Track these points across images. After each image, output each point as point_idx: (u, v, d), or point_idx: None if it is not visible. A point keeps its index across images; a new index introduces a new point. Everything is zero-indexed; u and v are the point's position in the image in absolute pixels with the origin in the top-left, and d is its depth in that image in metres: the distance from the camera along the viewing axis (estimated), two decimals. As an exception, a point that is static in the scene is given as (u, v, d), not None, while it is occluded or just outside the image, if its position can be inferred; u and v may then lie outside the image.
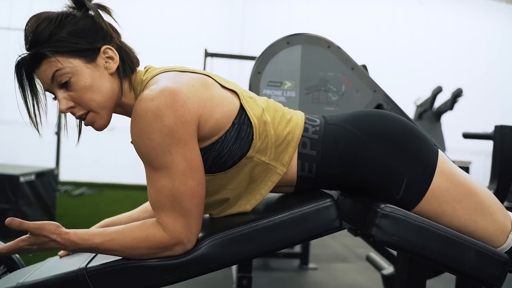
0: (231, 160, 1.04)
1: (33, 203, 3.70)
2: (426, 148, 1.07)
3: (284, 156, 1.07)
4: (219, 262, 0.98)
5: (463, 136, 2.42)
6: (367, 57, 4.80)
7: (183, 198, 0.95)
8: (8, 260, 1.49)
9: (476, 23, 8.19)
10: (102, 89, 1.01)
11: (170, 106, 0.93)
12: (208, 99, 1.00)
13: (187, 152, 0.95)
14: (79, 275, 0.97)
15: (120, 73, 1.04)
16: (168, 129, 0.92)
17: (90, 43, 1.00)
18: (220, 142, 1.02)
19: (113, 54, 1.03)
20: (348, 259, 3.68)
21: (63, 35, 0.98)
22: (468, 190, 1.07)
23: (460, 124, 6.62)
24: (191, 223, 0.96)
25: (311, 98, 1.81)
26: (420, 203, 1.05)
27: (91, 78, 1.00)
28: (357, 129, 1.07)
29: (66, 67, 0.98)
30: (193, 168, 0.95)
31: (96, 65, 1.01)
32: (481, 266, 1.02)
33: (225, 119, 1.01)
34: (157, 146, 0.93)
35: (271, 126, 1.06)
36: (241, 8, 7.70)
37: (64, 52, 0.98)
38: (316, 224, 1.01)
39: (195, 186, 0.96)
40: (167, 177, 0.94)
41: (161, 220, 0.96)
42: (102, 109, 1.03)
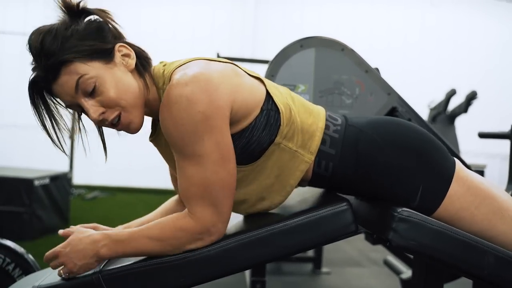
0: (260, 147, 1.02)
1: (47, 206, 3.74)
2: (443, 158, 1.07)
3: (312, 144, 1.05)
4: (234, 266, 0.98)
5: (479, 135, 2.38)
6: (379, 57, 4.77)
7: (214, 188, 0.94)
8: (24, 263, 1.51)
9: (489, 23, 8.10)
10: (129, 87, 0.97)
11: (204, 91, 0.91)
12: (240, 85, 0.99)
13: (220, 140, 0.93)
14: (94, 279, 0.98)
15: (140, 69, 1.01)
16: (202, 115, 0.91)
17: (104, 43, 0.97)
18: (251, 128, 1.01)
19: (128, 50, 1.00)
20: (362, 264, 3.65)
21: (74, 41, 0.93)
22: (485, 194, 1.05)
23: (474, 127, 6.54)
24: (220, 213, 0.96)
25: (325, 101, 1.79)
26: (437, 211, 1.04)
27: (116, 78, 0.96)
28: (377, 135, 1.07)
29: (88, 72, 0.94)
30: (225, 157, 0.95)
31: (116, 64, 0.98)
32: (501, 271, 1.00)
33: (254, 104, 1.01)
34: (191, 133, 0.91)
35: (296, 113, 1.05)
36: (252, 12, 7.71)
37: (81, 56, 0.94)
38: (332, 228, 1.01)
39: (226, 177, 0.95)
40: (199, 166, 0.93)
41: (191, 209, 0.96)
42: (133, 108, 0.98)
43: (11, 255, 1.51)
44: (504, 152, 7.22)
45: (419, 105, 4.46)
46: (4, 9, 7.53)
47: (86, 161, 7.15)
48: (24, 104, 5.16)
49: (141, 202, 5.93)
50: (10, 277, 1.48)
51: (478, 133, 2.37)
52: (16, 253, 1.53)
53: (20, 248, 1.56)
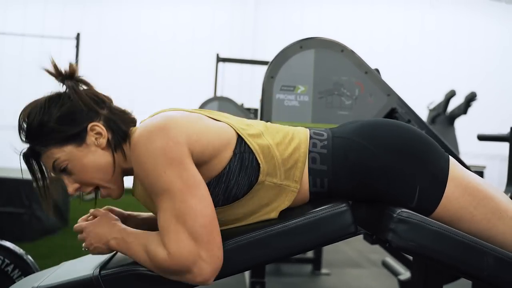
0: (241, 191, 1.03)
1: (47, 207, 3.74)
2: (436, 155, 1.07)
3: (295, 173, 1.05)
4: (234, 268, 0.98)
5: (478, 138, 2.38)
6: (379, 59, 4.78)
7: (186, 218, 0.91)
8: (23, 264, 1.51)
9: (488, 24, 8.11)
10: (99, 166, 1.04)
11: (162, 129, 0.95)
12: (203, 127, 1.00)
13: (182, 171, 0.93)
14: (93, 279, 0.98)
15: (112, 145, 1.05)
16: (160, 150, 0.93)
17: (77, 126, 1.02)
18: (226, 173, 1.01)
19: (100, 129, 1.04)
20: (362, 265, 3.65)
21: (51, 124, 1.01)
22: (483, 194, 1.05)
23: (474, 128, 6.55)
24: (199, 249, 0.91)
25: (324, 103, 1.80)
26: (436, 211, 1.04)
27: (86, 159, 1.03)
28: (365, 140, 1.06)
29: (60, 156, 1.02)
30: (191, 185, 0.93)
31: (87, 145, 1.03)
32: (500, 272, 1.00)
33: (224, 147, 1.01)
34: (153, 169, 0.93)
35: (274, 147, 1.05)
36: (252, 13, 7.73)
37: (55, 143, 1.02)
38: (331, 229, 1.00)
39: (197, 204, 0.92)
40: (168, 200, 0.93)
41: (166, 245, 0.92)
42: (107, 183, 1.06)
43: (10, 256, 1.51)
44: (503, 153, 7.23)
45: (419, 107, 4.46)
46: (4, 11, 7.53)
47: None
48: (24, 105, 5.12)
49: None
50: (10, 278, 1.48)
51: (477, 136, 2.37)
52: (16, 254, 1.53)
53: (19, 249, 1.56)
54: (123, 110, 1.10)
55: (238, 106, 4.59)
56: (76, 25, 7.09)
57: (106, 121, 1.05)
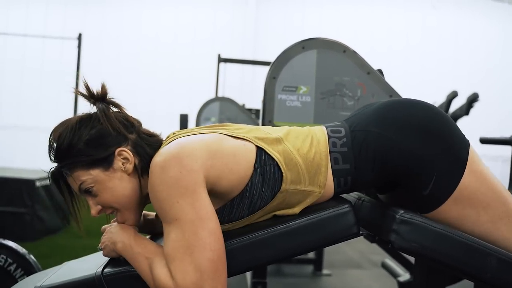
0: (265, 202, 1.02)
1: (49, 207, 3.74)
2: (457, 137, 1.05)
3: (319, 178, 1.04)
4: (236, 268, 0.98)
5: (480, 141, 2.38)
6: (380, 59, 4.78)
7: (194, 250, 0.90)
8: (26, 263, 1.51)
9: (490, 25, 8.10)
10: (124, 192, 1.04)
11: (175, 157, 0.95)
12: (217, 150, 0.99)
13: (195, 201, 0.93)
14: (96, 279, 0.98)
15: (138, 171, 1.05)
16: (173, 179, 0.93)
17: (105, 150, 1.02)
18: (248, 189, 1.01)
19: (128, 155, 1.03)
20: (363, 266, 3.65)
21: (80, 147, 1.01)
22: (496, 196, 1.04)
23: (476, 129, 6.53)
24: (205, 282, 0.89)
25: (326, 103, 1.79)
26: (447, 202, 1.02)
27: (111, 184, 1.03)
28: (382, 129, 1.04)
29: (87, 179, 1.02)
30: (203, 217, 0.92)
31: (114, 170, 1.03)
32: (503, 274, 1.00)
33: (242, 167, 1.00)
34: (166, 198, 0.93)
35: (295, 153, 1.03)
36: (254, 14, 7.73)
37: (82, 166, 1.02)
38: (334, 230, 1.00)
39: (207, 237, 0.91)
40: (178, 229, 0.92)
41: (172, 272, 0.92)
42: (127, 210, 1.06)
43: (12, 256, 1.51)
44: (505, 155, 7.20)
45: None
46: (6, 11, 7.54)
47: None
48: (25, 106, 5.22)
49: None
50: (12, 278, 1.49)
51: (480, 139, 2.37)
52: (18, 254, 1.53)
53: (21, 248, 1.56)
54: (151, 134, 1.09)
55: (239, 107, 4.58)
56: (78, 26, 7.09)
57: (134, 146, 1.05)
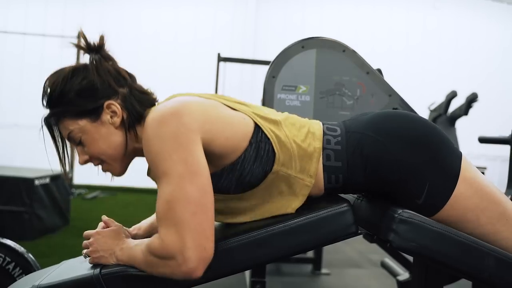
0: (255, 179, 1.03)
1: (48, 206, 3.74)
2: (448, 149, 1.06)
3: (310, 168, 1.05)
4: (234, 267, 0.98)
5: (479, 140, 2.38)
6: (380, 60, 4.78)
7: (177, 204, 0.90)
8: (24, 262, 1.51)
9: (490, 25, 8.10)
10: (110, 144, 1.06)
11: (174, 114, 0.95)
12: (216, 118, 1.00)
13: (188, 156, 0.93)
14: (94, 278, 0.98)
15: (126, 125, 1.07)
16: (170, 133, 0.93)
17: (94, 102, 1.05)
18: (240, 161, 1.01)
19: (116, 108, 1.05)
20: (362, 265, 3.65)
21: (70, 96, 1.04)
22: (492, 198, 1.05)
23: (475, 129, 6.55)
24: (186, 237, 0.89)
25: (326, 103, 1.80)
26: (443, 209, 1.03)
27: (98, 135, 1.05)
28: (378, 134, 1.06)
29: (75, 129, 1.05)
30: (193, 172, 0.92)
31: (101, 122, 1.05)
32: (501, 273, 1.00)
33: (238, 138, 1.01)
34: (159, 151, 0.93)
35: (290, 139, 1.05)
36: (254, 13, 7.72)
37: (71, 115, 1.05)
38: (332, 229, 1.00)
39: (193, 192, 0.91)
40: (167, 184, 0.92)
41: (159, 231, 0.93)
42: (112, 161, 1.09)
43: (11, 255, 1.51)
44: (504, 155, 7.20)
45: (420, 107, 4.44)
46: (6, 9, 7.53)
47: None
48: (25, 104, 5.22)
49: (142, 202, 5.93)
50: (10, 276, 1.48)
51: (478, 138, 2.37)
52: (17, 253, 1.53)
53: (20, 247, 1.56)
54: (143, 91, 1.11)
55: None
56: (78, 24, 7.07)
57: (124, 100, 1.07)
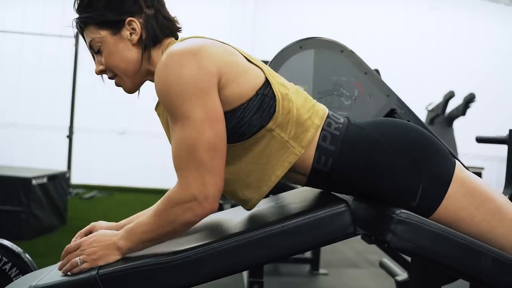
0: (250, 131, 1.03)
1: (45, 205, 3.73)
2: (441, 156, 1.07)
3: (304, 138, 1.06)
4: (232, 267, 0.98)
5: (477, 140, 2.38)
6: (378, 60, 4.77)
7: (199, 148, 0.94)
8: (21, 262, 1.50)
9: (488, 26, 8.11)
10: (124, 58, 1.10)
11: (195, 56, 0.97)
12: (233, 63, 1.02)
13: (208, 102, 0.96)
14: (91, 279, 0.97)
15: (142, 44, 1.10)
16: (190, 76, 0.95)
17: (117, 15, 1.08)
18: (242, 109, 1.02)
19: (136, 26, 1.09)
20: (360, 265, 3.65)
21: (98, 5, 1.08)
22: (484, 196, 1.06)
23: (472, 129, 6.56)
24: (206, 177, 0.94)
25: (324, 103, 1.79)
26: (437, 211, 1.05)
27: (115, 48, 1.09)
28: (378, 134, 1.07)
29: (96, 37, 1.09)
30: (212, 118, 0.96)
31: (121, 36, 1.09)
32: (498, 274, 1.00)
33: (248, 86, 1.02)
34: (179, 94, 0.95)
35: (294, 105, 1.06)
36: (252, 13, 7.72)
37: (95, 23, 1.09)
38: (330, 229, 1.00)
39: (213, 137, 0.95)
40: (186, 127, 0.95)
41: (178, 176, 0.96)
42: (125, 76, 1.12)
43: (8, 255, 1.51)
44: (501, 155, 7.20)
45: (418, 108, 4.45)
46: (4, 8, 7.51)
47: (84, 161, 7.15)
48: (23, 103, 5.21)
49: (139, 202, 5.93)
50: (7, 277, 1.48)
51: (476, 138, 2.37)
52: (13, 253, 1.52)
53: (17, 247, 1.55)
54: (169, 17, 1.14)
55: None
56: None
57: (146, 20, 1.10)
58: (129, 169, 7.21)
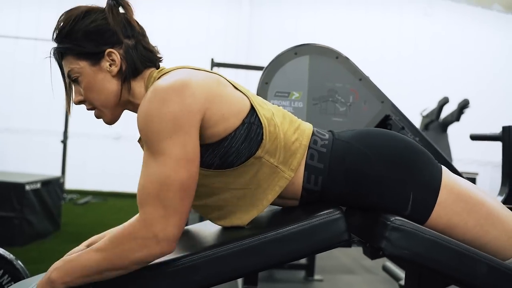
0: (238, 160, 1.03)
1: (39, 211, 3.70)
2: (428, 164, 1.08)
3: (293, 161, 1.07)
4: (226, 274, 0.97)
5: (471, 137, 2.38)
6: (373, 68, 4.80)
7: (170, 187, 0.92)
8: (13, 269, 1.49)
9: (481, 32, 8.18)
10: (103, 90, 1.07)
11: (179, 94, 0.95)
12: (218, 95, 1.01)
13: (188, 141, 0.94)
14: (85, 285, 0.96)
15: (122, 76, 1.08)
16: (173, 115, 0.94)
17: (97, 47, 1.06)
18: (229, 139, 1.02)
19: (115, 57, 1.06)
20: (355, 271, 3.65)
21: (77, 36, 1.05)
22: (475, 200, 1.06)
23: (467, 135, 6.59)
24: (172, 217, 0.92)
25: (318, 109, 1.80)
26: (430, 219, 1.05)
27: (94, 79, 1.07)
28: (364, 147, 1.08)
29: (75, 68, 1.07)
30: (189, 159, 0.94)
31: (100, 67, 1.07)
32: (493, 280, 1.00)
33: (233, 116, 1.02)
34: (160, 130, 0.93)
35: (280, 129, 1.06)
36: (247, 19, 7.74)
37: (74, 54, 1.06)
38: (324, 236, 1.00)
39: (186, 178, 0.93)
40: (161, 163, 0.93)
41: (141, 210, 0.92)
42: (104, 108, 1.10)
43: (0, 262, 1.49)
44: (495, 161, 7.24)
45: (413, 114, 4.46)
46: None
47: (78, 166, 7.11)
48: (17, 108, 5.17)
49: (133, 208, 5.89)
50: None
51: (470, 135, 2.37)
52: (5, 260, 1.50)
53: (9, 254, 1.53)
54: (149, 48, 1.12)
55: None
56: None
57: (126, 51, 1.07)
58: (123, 175, 7.18)
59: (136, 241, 0.91)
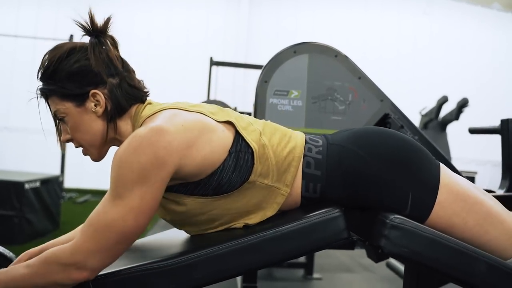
0: (232, 188, 1.03)
1: (38, 210, 3.70)
2: (426, 162, 1.07)
3: (287, 177, 1.06)
4: (226, 272, 0.97)
5: (469, 131, 2.39)
6: (372, 66, 4.80)
7: (112, 229, 0.93)
8: (12, 267, 1.49)
9: (480, 31, 8.18)
10: (89, 130, 1.08)
11: (152, 145, 0.94)
12: (197, 140, 0.99)
13: (147, 194, 0.94)
14: (84, 283, 0.96)
15: (108, 116, 1.08)
16: (140, 166, 0.93)
17: (81, 88, 1.05)
18: (219, 172, 1.02)
19: (100, 98, 1.06)
20: (353, 270, 3.65)
21: (60, 77, 1.05)
22: (473, 199, 1.06)
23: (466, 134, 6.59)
24: (102, 255, 0.93)
25: (318, 107, 1.80)
26: (429, 218, 1.05)
27: (80, 120, 1.07)
28: (359, 148, 1.07)
29: (60, 108, 1.07)
30: (143, 211, 0.94)
31: (85, 108, 1.07)
32: (492, 279, 1.00)
33: (217, 151, 1.01)
34: (125, 177, 0.93)
35: (269, 148, 1.05)
36: (246, 17, 7.74)
37: (58, 95, 1.07)
38: (324, 234, 1.00)
39: (132, 228, 0.93)
40: (114, 206, 0.93)
41: (79, 236, 0.94)
42: (91, 147, 1.11)
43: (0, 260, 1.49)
44: (494, 160, 7.26)
45: (412, 112, 4.47)
46: (-3, 12, 7.48)
47: (77, 165, 7.13)
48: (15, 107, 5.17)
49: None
50: (-1, 282, 1.46)
51: (469, 129, 2.38)
52: (5, 258, 1.50)
53: (9, 252, 1.53)
54: (134, 85, 1.10)
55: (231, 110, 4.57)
56: (69, 27, 7.02)
57: (110, 91, 1.06)
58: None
59: (58, 264, 0.92)
